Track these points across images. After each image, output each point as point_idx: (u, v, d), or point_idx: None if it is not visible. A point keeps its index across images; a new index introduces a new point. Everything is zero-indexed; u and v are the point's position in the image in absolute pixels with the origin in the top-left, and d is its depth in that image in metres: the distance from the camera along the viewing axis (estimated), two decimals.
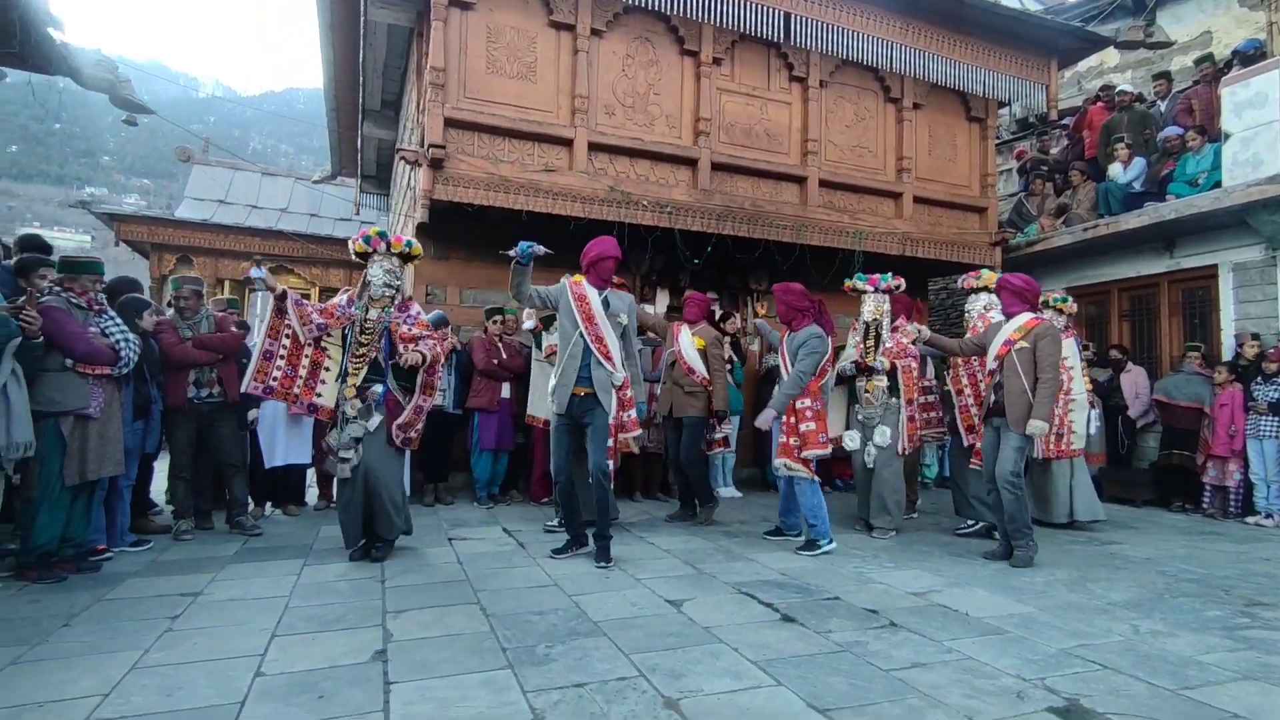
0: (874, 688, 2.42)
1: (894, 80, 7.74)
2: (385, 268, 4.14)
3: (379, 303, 4.12)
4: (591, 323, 4.12)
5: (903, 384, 5.20)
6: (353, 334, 4.07)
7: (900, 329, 5.31)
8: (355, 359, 4.03)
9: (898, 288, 5.41)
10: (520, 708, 2.22)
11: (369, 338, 4.06)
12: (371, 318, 4.08)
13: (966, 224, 8.21)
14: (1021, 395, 4.27)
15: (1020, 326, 4.40)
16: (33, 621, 2.99)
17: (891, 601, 3.48)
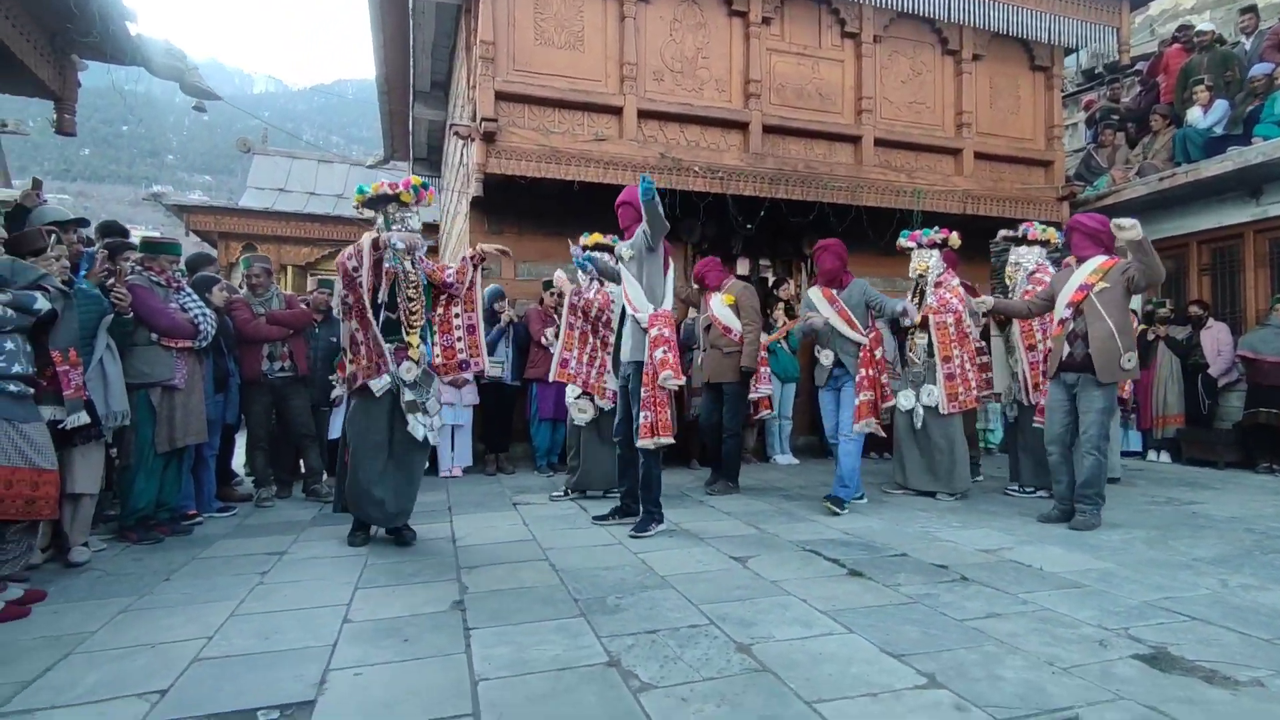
0: (948, 636, 2.39)
1: (952, 31, 7.43)
2: (418, 216, 3.78)
3: (408, 255, 3.73)
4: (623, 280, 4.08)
5: (936, 341, 5.05)
6: (401, 290, 3.67)
7: (944, 284, 5.16)
8: (412, 316, 3.68)
9: (944, 242, 5.25)
10: (595, 651, 2.28)
11: (415, 292, 3.71)
12: (408, 269, 3.72)
13: (1031, 179, 7.87)
14: (1110, 340, 4.00)
15: (1096, 269, 4.14)
16: (137, 576, 3.21)
17: (961, 558, 3.42)
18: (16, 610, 2.67)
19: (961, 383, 5.02)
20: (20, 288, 2.80)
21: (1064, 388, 4.25)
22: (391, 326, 3.62)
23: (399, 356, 3.60)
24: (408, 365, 3.61)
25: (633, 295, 3.98)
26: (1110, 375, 4.03)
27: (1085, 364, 4.08)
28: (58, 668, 2.20)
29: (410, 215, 3.69)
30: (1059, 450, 4.27)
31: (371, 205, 3.69)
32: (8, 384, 2.68)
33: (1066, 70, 9.25)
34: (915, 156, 7.39)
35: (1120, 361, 4.02)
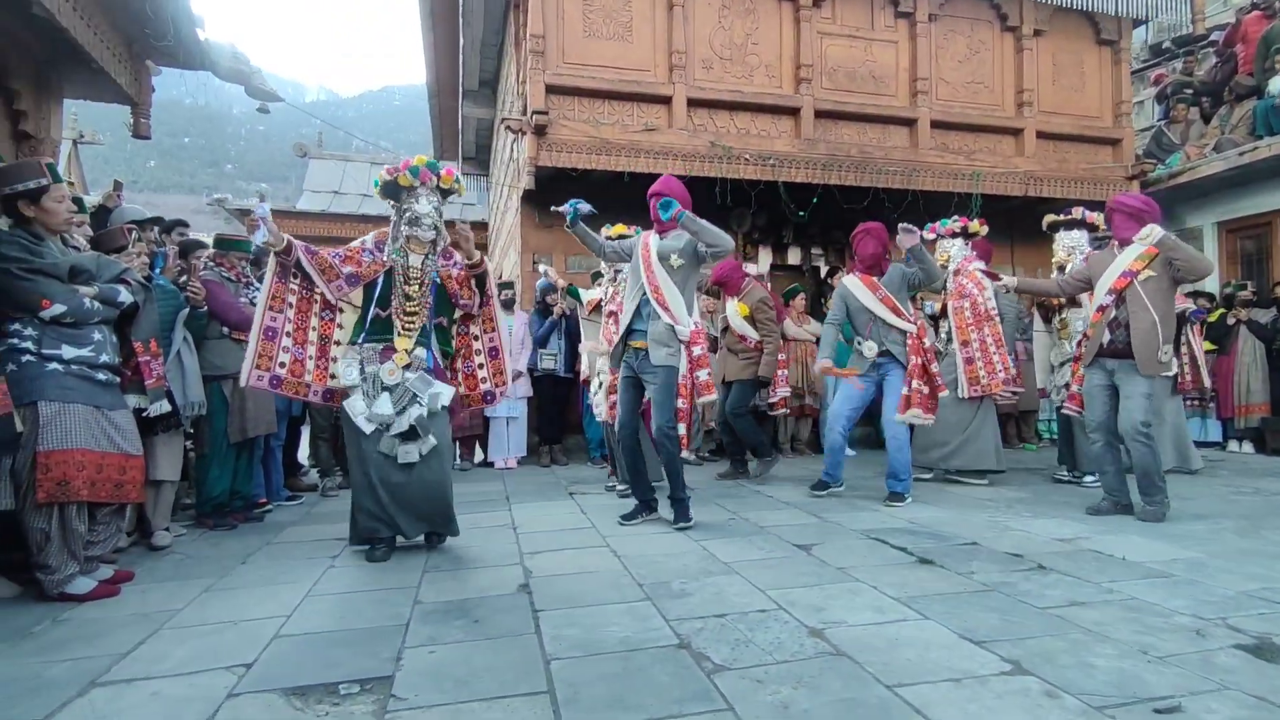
0: (1030, 623, 2.30)
1: (1011, 7, 7.18)
2: (434, 203, 3.35)
3: (423, 247, 3.35)
4: (649, 270, 3.75)
5: (954, 326, 5.02)
6: (398, 286, 3.27)
7: (963, 271, 5.07)
8: (407, 317, 3.26)
9: (964, 230, 5.12)
10: (665, 633, 2.26)
11: (417, 289, 3.29)
12: (415, 264, 3.30)
13: (1098, 158, 7.55)
14: (1151, 330, 3.80)
15: (1142, 254, 3.90)
16: (215, 560, 3.33)
17: (1036, 547, 3.29)
18: (107, 589, 2.79)
19: (984, 365, 4.93)
20: (105, 282, 2.92)
21: (1104, 373, 4.04)
22: (383, 325, 3.24)
23: (385, 356, 3.21)
24: (389, 367, 3.19)
25: (673, 305, 3.71)
26: (1150, 369, 3.82)
27: (1126, 351, 3.89)
28: (149, 642, 2.29)
29: (415, 199, 3.28)
30: (1103, 437, 4.06)
31: (388, 194, 3.37)
32: (97, 372, 2.80)
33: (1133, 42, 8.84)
34: (974, 138, 7.17)
35: (1158, 355, 3.81)
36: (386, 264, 3.28)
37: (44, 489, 2.60)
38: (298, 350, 3.27)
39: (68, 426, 2.66)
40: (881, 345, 4.44)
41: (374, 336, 3.24)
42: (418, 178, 3.28)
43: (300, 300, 3.31)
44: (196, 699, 1.87)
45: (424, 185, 3.31)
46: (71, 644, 2.29)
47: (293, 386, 3.26)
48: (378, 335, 3.24)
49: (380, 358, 3.20)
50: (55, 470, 2.61)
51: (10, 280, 2.60)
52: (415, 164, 3.28)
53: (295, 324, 3.28)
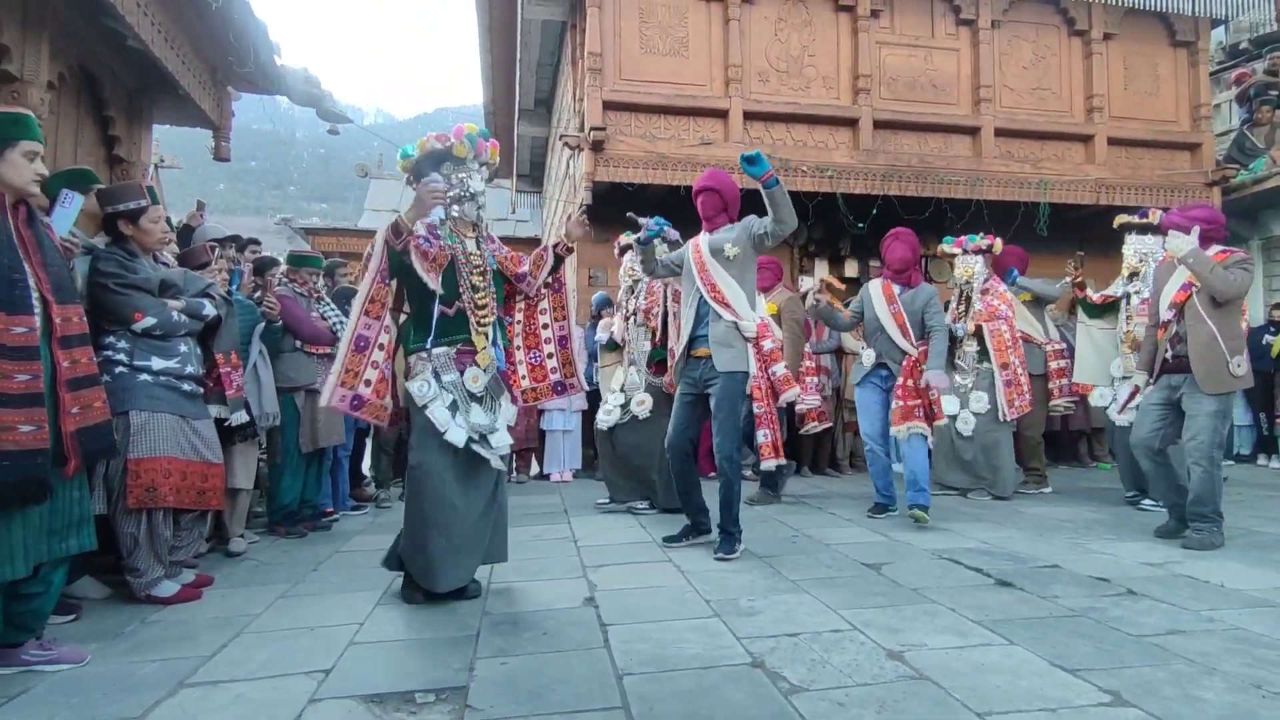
0: (1126, 652, 2.17)
1: (1079, 10, 6.96)
2: (484, 179, 2.92)
3: (470, 230, 2.89)
4: (703, 270, 3.48)
5: (992, 348, 4.91)
6: (463, 276, 2.79)
7: (991, 291, 4.98)
8: (479, 311, 2.80)
9: (989, 248, 4.98)
10: (737, 651, 2.21)
11: (482, 278, 2.85)
12: (473, 249, 2.86)
13: (1175, 163, 7.23)
14: (1212, 345, 3.55)
15: None
16: (288, 566, 3.42)
17: (1123, 571, 3.12)
18: (190, 592, 2.89)
19: (1016, 389, 4.91)
20: (191, 296, 3.05)
21: (1166, 390, 3.79)
22: (451, 324, 2.77)
23: (462, 360, 2.78)
24: (474, 372, 2.76)
25: (734, 301, 3.43)
26: (1216, 385, 3.56)
27: (1188, 366, 3.65)
28: (231, 645, 2.36)
29: (470, 175, 2.82)
30: (1147, 456, 3.82)
31: (420, 171, 2.82)
32: (182, 383, 2.92)
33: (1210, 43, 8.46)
34: (1040, 145, 6.95)
35: (1229, 367, 3.54)
36: (447, 252, 2.76)
37: (134, 495, 2.71)
38: (387, 366, 2.76)
39: (156, 435, 2.78)
40: (879, 358, 4.32)
41: (443, 339, 2.75)
42: (474, 148, 2.82)
43: (394, 309, 2.86)
44: (280, 703, 1.91)
45: (478, 158, 2.87)
46: (159, 645, 2.37)
47: (374, 410, 2.72)
48: (447, 337, 2.76)
49: (455, 363, 2.75)
50: (144, 477, 2.73)
51: (108, 295, 2.73)
52: (470, 131, 2.80)
53: (390, 337, 2.78)
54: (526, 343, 3.20)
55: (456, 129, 2.80)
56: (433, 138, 2.80)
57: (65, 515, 2.16)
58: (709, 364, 3.46)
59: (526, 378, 3.18)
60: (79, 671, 2.16)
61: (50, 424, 2.03)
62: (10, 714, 1.90)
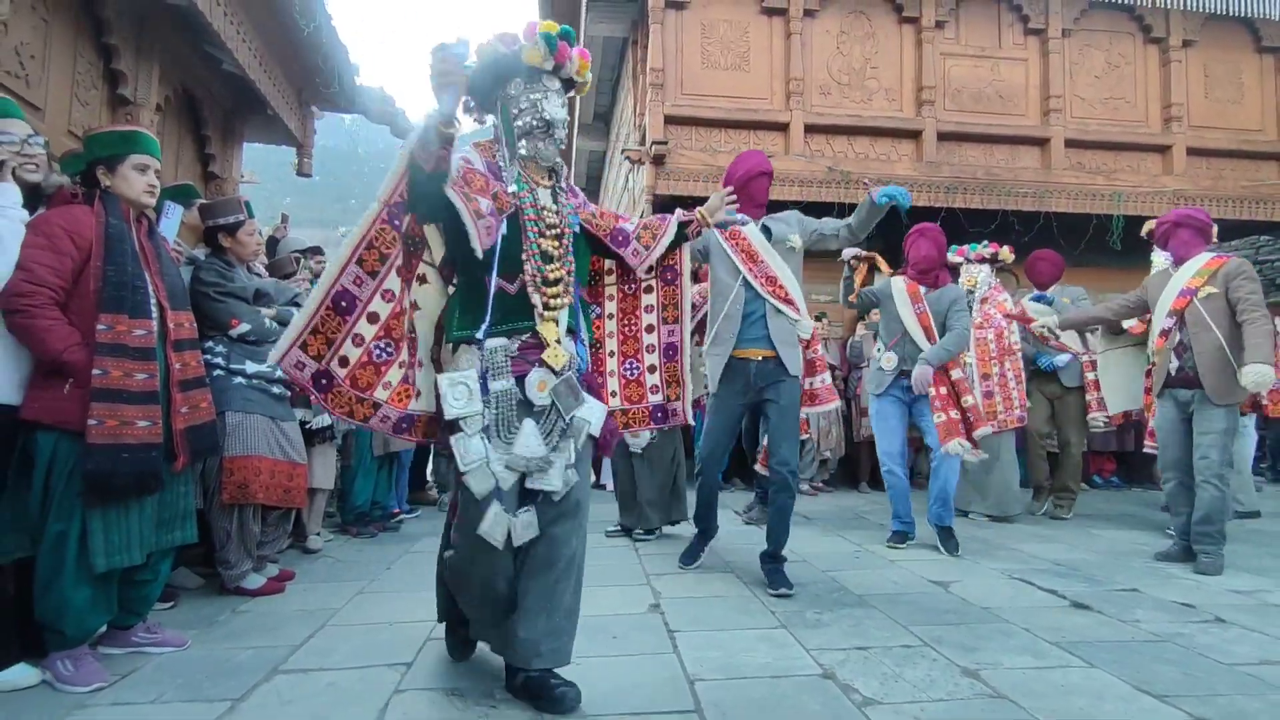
0: (1217, 680, 2.09)
1: (1156, 17, 6.74)
2: (562, 101, 2.05)
3: (545, 177, 2.04)
4: (755, 261, 3.10)
5: (974, 357, 4.67)
6: (529, 239, 1.93)
7: (991, 300, 4.80)
8: (549, 289, 1.93)
9: (993, 256, 4.79)
10: (807, 662, 2.22)
11: (558, 245, 1.97)
12: (547, 204, 1.99)
13: (1260, 174, 6.91)
14: (1218, 352, 3.40)
15: (1199, 270, 3.54)
16: (363, 564, 3.55)
17: (1209, 597, 3.00)
18: (275, 586, 3.05)
19: (1002, 400, 4.71)
20: (281, 304, 3.23)
21: (1176, 405, 3.64)
22: (513, 306, 1.90)
23: (526, 359, 1.90)
24: (539, 376, 1.89)
25: (797, 297, 3.13)
26: (1225, 395, 3.41)
27: (1196, 380, 3.50)
28: (318, 636, 2.48)
29: (545, 94, 1.97)
30: (1176, 476, 3.67)
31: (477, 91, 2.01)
32: (272, 387, 3.09)
33: None
34: (1114, 156, 6.74)
35: (1240, 377, 3.34)
36: (510, 205, 1.90)
37: (228, 491, 2.88)
38: (379, 349, 1.86)
39: (248, 436, 2.94)
40: (904, 364, 3.87)
41: (501, 326, 1.89)
42: (554, 53, 1.95)
43: (404, 268, 1.91)
44: (368, 691, 2.00)
45: (559, 70, 1.99)
46: (251, 633, 2.51)
47: (345, 402, 1.84)
48: (508, 324, 1.90)
49: (513, 363, 1.88)
50: (237, 475, 2.89)
51: (208, 302, 2.91)
52: (548, 30, 1.95)
53: (393, 308, 1.87)
54: (623, 348, 2.36)
55: (529, 25, 1.97)
56: (494, 38, 1.98)
57: (172, 508, 2.32)
58: (766, 366, 3.09)
59: (617, 394, 2.37)
60: (181, 655, 2.31)
61: (163, 421, 2.19)
62: (124, 690, 2.04)
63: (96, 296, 2.09)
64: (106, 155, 2.24)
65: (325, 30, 4.04)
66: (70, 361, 2.03)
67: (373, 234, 1.82)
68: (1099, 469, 6.68)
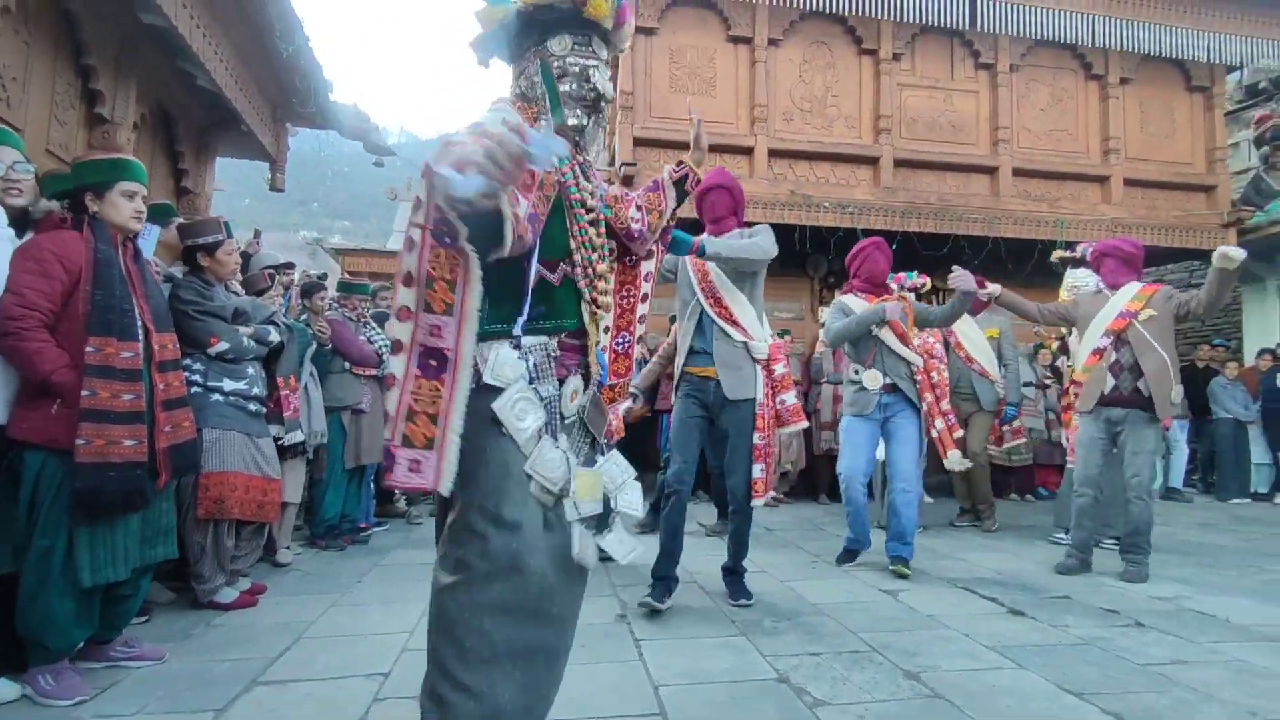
0: (1131, 679, 2.31)
1: (1096, 56, 7.17)
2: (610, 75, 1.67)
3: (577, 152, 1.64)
4: (706, 279, 3.08)
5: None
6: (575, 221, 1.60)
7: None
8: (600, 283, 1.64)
9: (922, 286, 4.86)
10: (764, 668, 2.37)
11: (599, 234, 1.66)
12: (585, 185, 1.64)
13: (1191, 205, 7.37)
14: (1164, 370, 3.67)
15: (1137, 295, 3.81)
16: (334, 577, 3.61)
17: (1132, 604, 3.24)
18: (247, 599, 3.10)
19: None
20: (259, 323, 3.29)
21: (1104, 424, 3.83)
22: (554, 299, 1.57)
23: (567, 361, 1.58)
24: (575, 384, 1.58)
25: (743, 318, 3.06)
26: (1165, 410, 3.69)
27: (1134, 399, 3.73)
28: (294, 648, 2.55)
29: (597, 62, 1.59)
30: (1092, 493, 3.86)
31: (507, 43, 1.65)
32: (249, 403, 3.15)
33: (1227, 85, 8.62)
34: (1057, 185, 7.12)
35: (1170, 396, 3.68)
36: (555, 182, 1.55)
37: (203, 506, 2.93)
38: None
39: (225, 452, 3.00)
40: (886, 378, 3.78)
41: (542, 321, 1.55)
42: (617, 11, 1.63)
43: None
44: (347, 701, 2.10)
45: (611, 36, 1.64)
46: (228, 647, 2.57)
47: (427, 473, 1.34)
48: (550, 320, 1.56)
49: (556, 365, 1.55)
50: (213, 490, 2.95)
51: (187, 320, 2.97)
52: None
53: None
54: (617, 322, 2.09)
55: None
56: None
57: (155, 524, 2.38)
58: (717, 387, 3.06)
59: (605, 369, 1.99)
60: (159, 668, 2.37)
61: (147, 440, 2.26)
62: (105, 703, 2.10)
63: (85, 319, 2.16)
64: (95, 182, 2.31)
65: (304, 52, 4.11)
66: (59, 383, 2.10)
67: (427, 268, 1.31)
68: (1044, 481, 7.01)
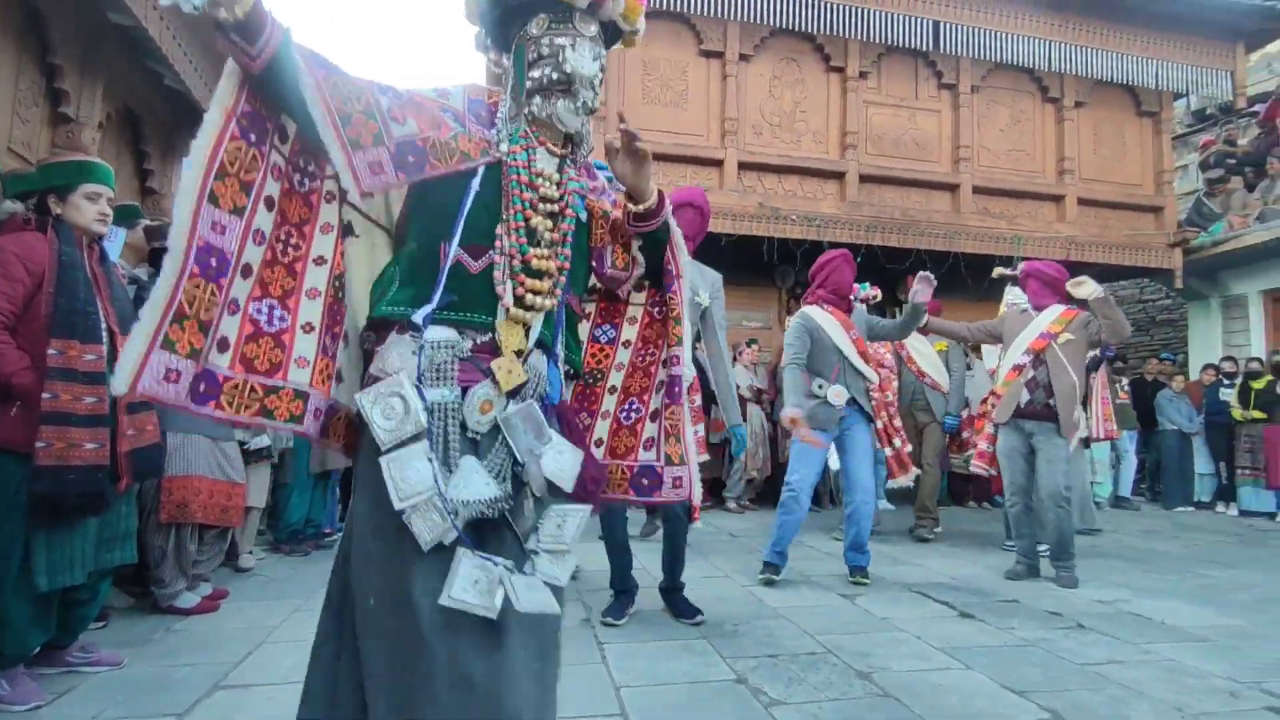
0: (1069, 678, 2.43)
1: (1052, 80, 7.44)
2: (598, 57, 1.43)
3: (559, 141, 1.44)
4: None
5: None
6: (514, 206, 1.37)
7: None
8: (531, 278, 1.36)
9: (874, 298, 5.08)
10: (723, 670, 2.45)
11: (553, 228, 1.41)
12: (548, 171, 1.41)
13: (1140, 224, 7.69)
14: (1072, 392, 3.89)
15: (1058, 318, 4.00)
16: (298, 582, 3.60)
17: (1076, 607, 3.39)
18: (208, 604, 3.08)
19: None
20: None
21: (1020, 435, 4.04)
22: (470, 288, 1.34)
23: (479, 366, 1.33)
24: (483, 394, 1.31)
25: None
26: (1069, 430, 3.91)
27: (1046, 413, 3.94)
28: (257, 653, 2.55)
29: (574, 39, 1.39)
30: (1022, 500, 4.07)
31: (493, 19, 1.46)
32: None
33: (1175, 110, 9.01)
34: (1015, 203, 7.37)
35: (1074, 416, 3.91)
36: (492, 156, 1.38)
37: (166, 510, 2.91)
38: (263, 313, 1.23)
39: (189, 456, 2.99)
40: (848, 393, 3.71)
41: (451, 313, 1.34)
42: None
43: (287, 199, 1.27)
44: None
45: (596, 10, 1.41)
46: (188, 651, 2.56)
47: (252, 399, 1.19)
48: (461, 312, 1.34)
49: (460, 367, 1.32)
50: (176, 494, 2.93)
51: None
52: None
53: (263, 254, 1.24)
54: (627, 383, 1.76)
55: None
56: None
57: (114, 528, 2.37)
58: None
59: (603, 443, 1.73)
60: (117, 673, 2.36)
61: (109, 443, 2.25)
62: (64, 708, 2.09)
63: (48, 321, 2.15)
64: (59, 184, 2.30)
65: None
66: (20, 385, 2.09)
67: (223, 155, 1.12)
68: (1000, 489, 7.21)
